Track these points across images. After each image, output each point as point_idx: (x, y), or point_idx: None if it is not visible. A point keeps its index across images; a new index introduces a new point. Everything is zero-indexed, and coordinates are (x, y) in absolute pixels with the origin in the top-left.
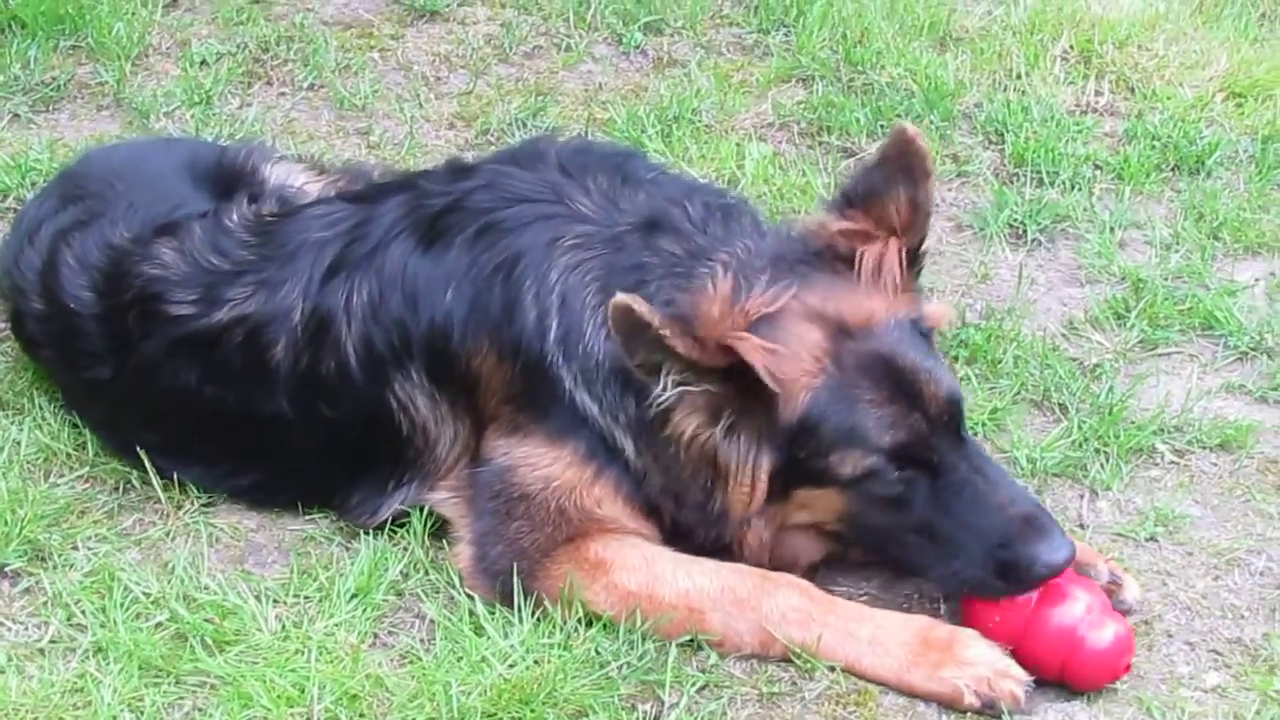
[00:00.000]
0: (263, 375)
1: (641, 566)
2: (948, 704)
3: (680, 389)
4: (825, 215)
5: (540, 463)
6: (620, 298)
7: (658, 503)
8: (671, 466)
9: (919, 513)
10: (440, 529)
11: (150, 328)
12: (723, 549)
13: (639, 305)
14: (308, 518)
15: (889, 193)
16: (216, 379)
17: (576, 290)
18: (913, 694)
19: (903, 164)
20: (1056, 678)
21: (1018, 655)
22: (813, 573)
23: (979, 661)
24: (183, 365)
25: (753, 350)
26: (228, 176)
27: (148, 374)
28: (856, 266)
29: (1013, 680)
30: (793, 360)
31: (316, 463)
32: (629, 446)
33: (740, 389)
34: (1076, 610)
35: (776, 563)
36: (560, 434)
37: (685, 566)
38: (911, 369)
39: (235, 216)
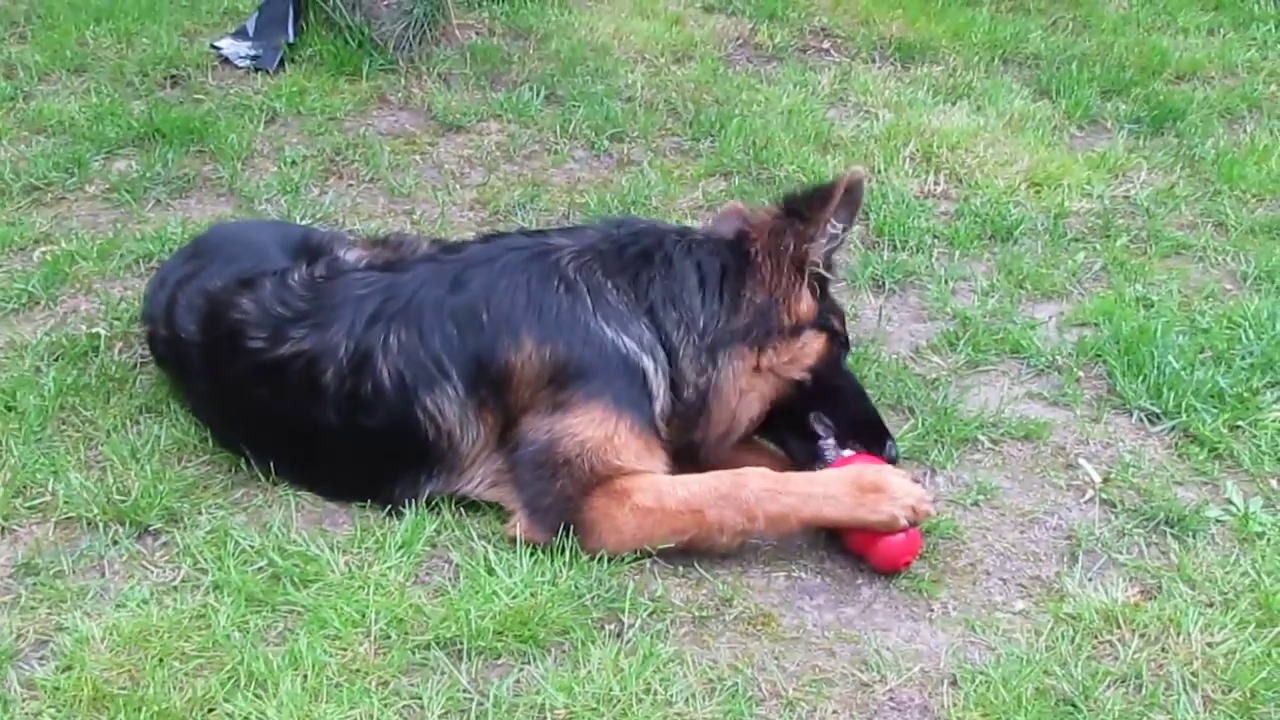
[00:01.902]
0: (316, 395)
1: (651, 488)
2: (886, 527)
3: (831, 236)
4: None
5: (577, 429)
6: (860, 170)
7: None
8: (757, 290)
9: (842, 376)
10: (463, 499)
11: (233, 357)
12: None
13: (867, 180)
14: None
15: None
16: (281, 397)
17: (589, 274)
18: (862, 525)
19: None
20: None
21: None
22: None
23: (904, 494)
24: (257, 386)
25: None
26: (310, 250)
27: (233, 391)
28: None
29: (926, 502)
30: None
31: (360, 462)
32: (676, 336)
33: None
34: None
35: (739, 412)
36: (597, 391)
37: (680, 481)
38: None
39: (296, 277)
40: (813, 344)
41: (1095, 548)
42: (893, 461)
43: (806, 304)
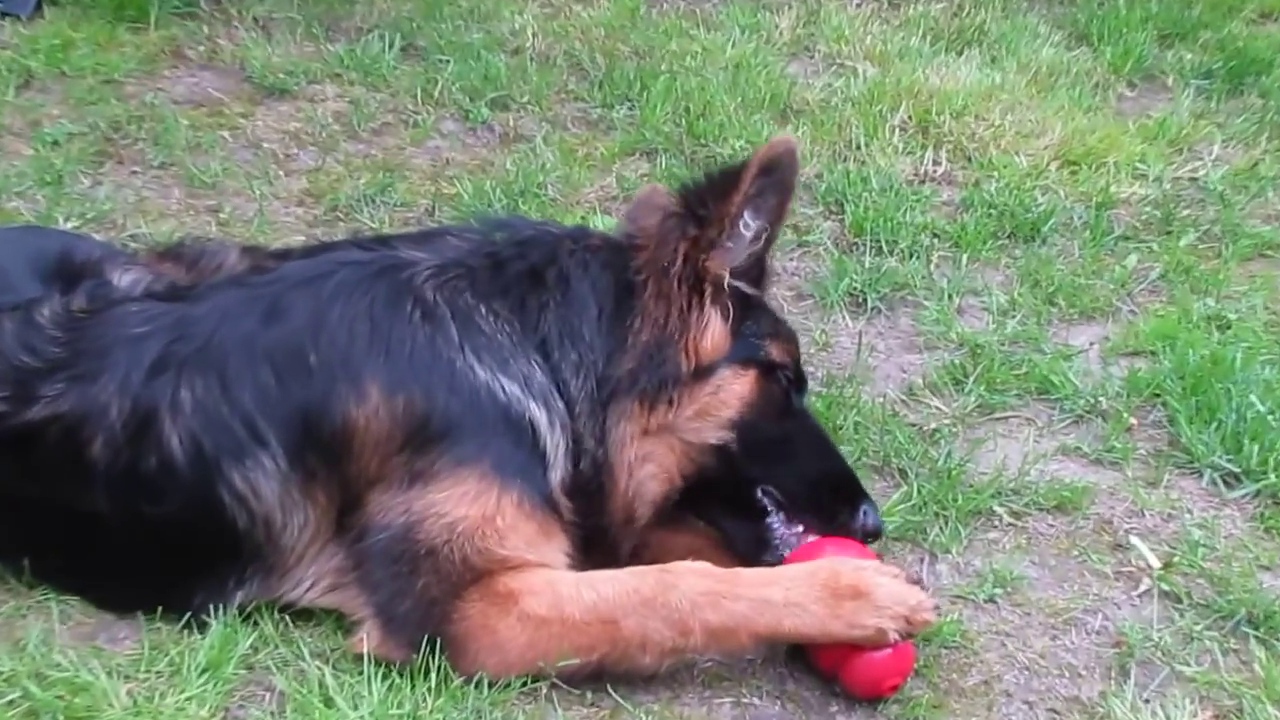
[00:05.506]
0: (79, 473)
1: (546, 589)
2: (871, 643)
3: (753, 235)
4: None
5: (445, 506)
6: (785, 139)
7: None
8: (644, 323)
9: (790, 422)
10: (289, 606)
11: None
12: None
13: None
14: None
15: None
16: (35, 476)
17: (453, 295)
18: (839, 642)
19: None
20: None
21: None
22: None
23: (893, 600)
24: (1, 463)
25: None
26: (72, 273)
27: None
28: None
29: (925, 610)
30: None
31: (144, 562)
32: (575, 385)
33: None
34: None
35: (632, 494)
36: (471, 455)
37: (587, 581)
38: None
39: (46, 312)
40: (731, 387)
41: (1153, 657)
42: (874, 535)
43: (714, 335)
